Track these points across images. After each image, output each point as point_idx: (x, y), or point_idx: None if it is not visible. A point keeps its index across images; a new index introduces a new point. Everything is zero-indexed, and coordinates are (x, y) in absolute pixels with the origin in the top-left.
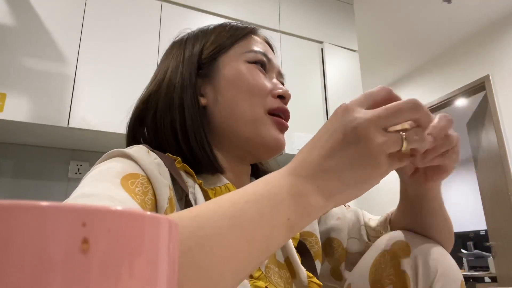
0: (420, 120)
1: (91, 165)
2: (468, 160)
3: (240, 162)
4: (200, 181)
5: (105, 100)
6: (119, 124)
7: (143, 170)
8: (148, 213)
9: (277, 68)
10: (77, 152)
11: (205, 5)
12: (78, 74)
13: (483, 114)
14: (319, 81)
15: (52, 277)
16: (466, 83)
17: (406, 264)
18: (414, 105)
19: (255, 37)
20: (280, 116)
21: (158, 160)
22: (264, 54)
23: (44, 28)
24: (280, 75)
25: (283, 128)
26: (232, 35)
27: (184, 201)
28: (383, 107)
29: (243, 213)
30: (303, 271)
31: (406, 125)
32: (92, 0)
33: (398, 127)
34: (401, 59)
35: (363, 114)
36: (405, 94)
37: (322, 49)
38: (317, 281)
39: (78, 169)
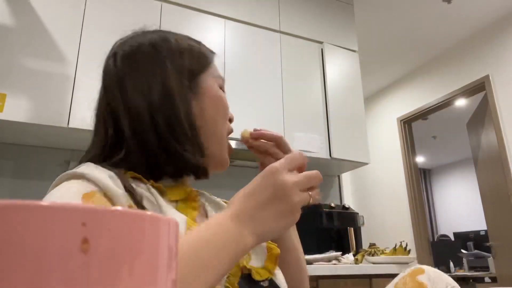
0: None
1: None
2: (468, 160)
3: None
4: (151, 181)
5: None
6: None
7: (98, 186)
8: (148, 212)
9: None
10: (77, 152)
11: (205, 5)
12: (78, 74)
13: (483, 114)
14: (319, 81)
15: (52, 277)
16: (466, 83)
17: (423, 278)
18: (319, 176)
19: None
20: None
21: (110, 172)
22: (223, 80)
23: (44, 28)
24: None
25: (230, 153)
26: (208, 56)
27: (140, 207)
28: (303, 174)
29: (210, 246)
30: None
31: None
32: (92, 0)
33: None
34: (401, 59)
35: (289, 177)
36: (405, 94)
37: (322, 49)
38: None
39: None
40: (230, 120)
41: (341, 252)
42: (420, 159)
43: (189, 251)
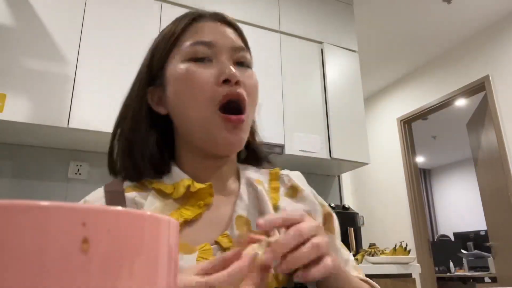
0: None
1: (91, 165)
2: (468, 160)
3: (208, 158)
4: (153, 185)
5: (105, 100)
6: None
7: None
8: (148, 213)
9: (226, 46)
10: (77, 153)
11: (205, 5)
12: (78, 74)
13: (483, 114)
14: (319, 81)
15: (52, 277)
16: (466, 83)
17: None
18: None
19: (198, 24)
20: (232, 107)
21: (96, 203)
22: (203, 42)
23: (44, 28)
24: (235, 51)
25: (232, 125)
26: (172, 34)
27: None
28: None
29: None
30: None
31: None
32: (92, 0)
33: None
34: (401, 59)
35: None
36: (405, 94)
37: (322, 50)
38: None
39: (78, 169)
40: (227, 81)
41: None
42: (420, 159)
43: None
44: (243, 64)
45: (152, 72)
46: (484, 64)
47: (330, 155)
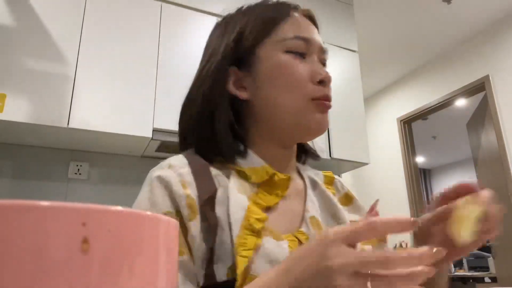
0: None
1: (91, 165)
2: (468, 160)
3: (282, 148)
4: (233, 166)
5: (105, 100)
6: (119, 124)
7: (172, 198)
8: (148, 213)
9: (318, 46)
10: (77, 153)
11: (205, 6)
12: (78, 74)
13: (483, 114)
14: None
15: (52, 277)
16: (466, 83)
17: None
18: (385, 261)
19: (295, 16)
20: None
21: (183, 169)
22: (303, 38)
23: (44, 28)
24: (321, 52)
25: (325, 109)
26: (270, 20)
27: (211, 198)
28: (359, 256)
29: None
30: None
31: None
32: (92, 0)
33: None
34: (401, 59)
35: (340, 258)
36: (405, 94)
37: None
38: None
39: (78, 169)
40: (322, 82)
41: None
42: (420, 159)
43: None
44: (324, 64)
45: (239, 52)
46: (484, 64)
47: (330, 155)
